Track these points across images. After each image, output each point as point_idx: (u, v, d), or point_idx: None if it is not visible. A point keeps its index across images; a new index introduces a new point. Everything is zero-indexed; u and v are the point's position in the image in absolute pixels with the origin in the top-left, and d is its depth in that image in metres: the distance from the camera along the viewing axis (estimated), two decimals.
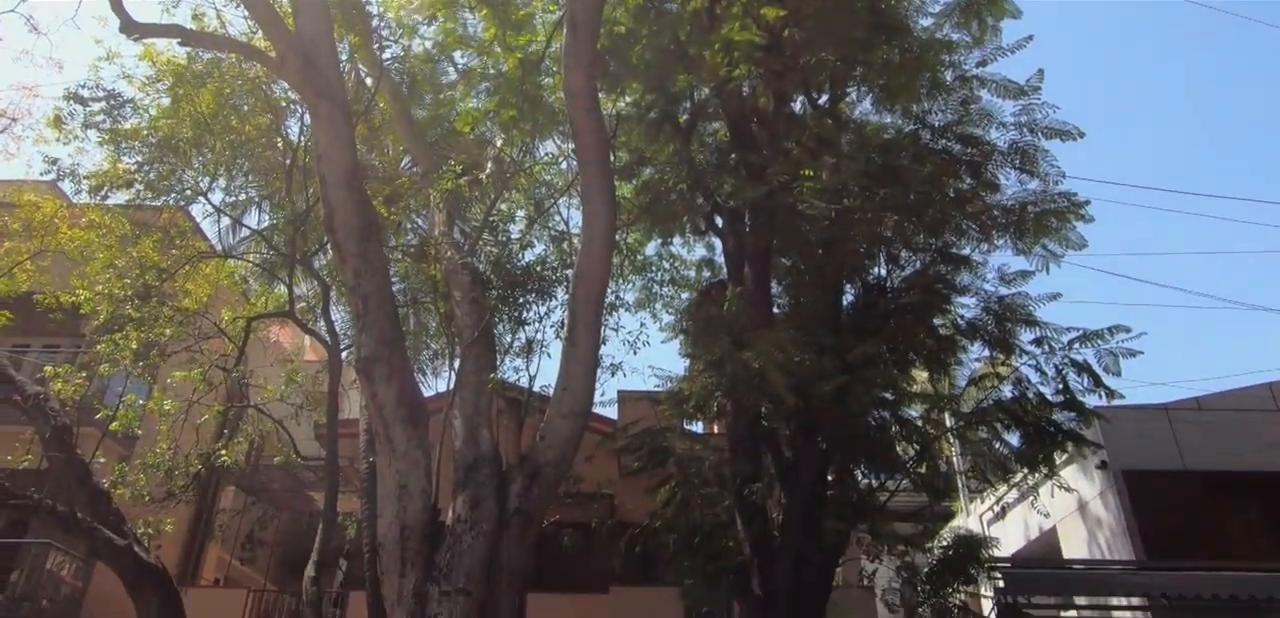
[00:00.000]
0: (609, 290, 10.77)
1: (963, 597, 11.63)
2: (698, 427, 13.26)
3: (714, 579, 10.34)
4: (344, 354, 12.26)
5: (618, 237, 10.86)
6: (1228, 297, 52.51)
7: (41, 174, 11.60)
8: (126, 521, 10.00)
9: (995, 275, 10.34)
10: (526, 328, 10.92)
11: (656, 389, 11.39)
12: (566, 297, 10.27)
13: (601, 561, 14.07)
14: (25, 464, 10.88)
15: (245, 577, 16.87)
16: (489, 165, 10.64)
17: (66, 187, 12.02)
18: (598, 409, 12.14)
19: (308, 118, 10.33)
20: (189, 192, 12.00)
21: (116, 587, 9.49)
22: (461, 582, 8.46)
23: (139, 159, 11.40)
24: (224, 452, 12.46)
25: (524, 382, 12.62)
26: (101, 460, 10.90)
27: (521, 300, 10.62)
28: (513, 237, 11.51)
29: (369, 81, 11.80)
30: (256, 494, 15.99)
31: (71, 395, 10.75)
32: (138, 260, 11.33)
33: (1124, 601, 12.34)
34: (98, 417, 11.45)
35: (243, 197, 14.64)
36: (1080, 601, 12.35)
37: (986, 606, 13.08)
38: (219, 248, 13.85)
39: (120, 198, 11.67)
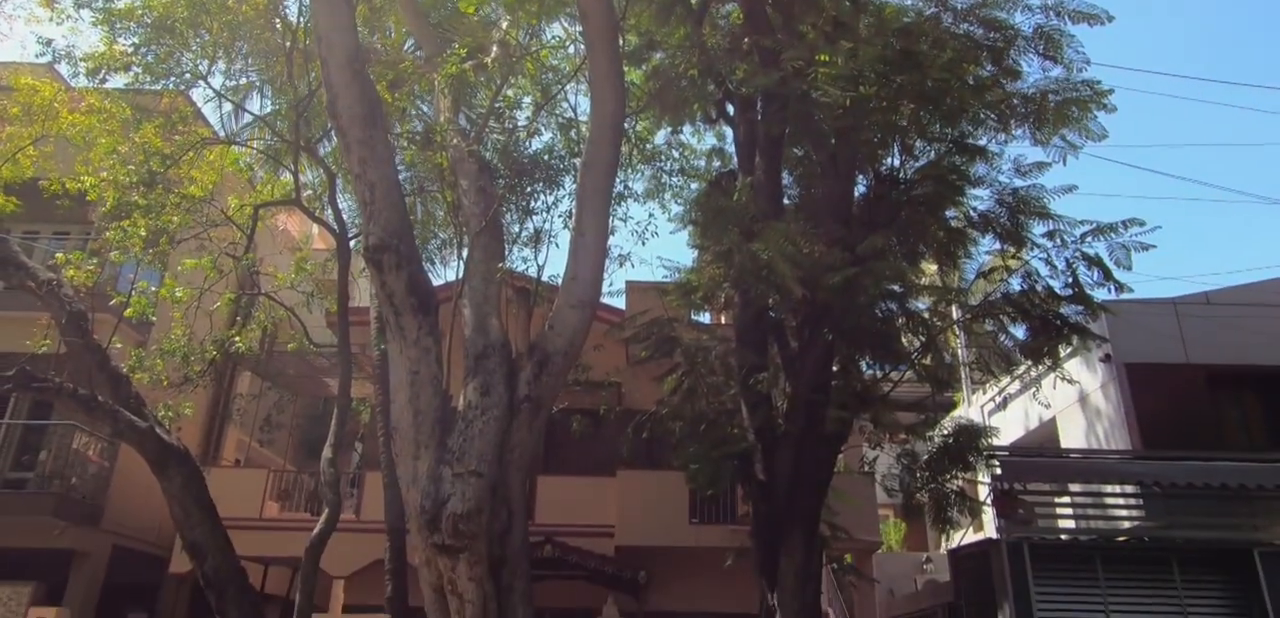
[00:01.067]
0: (617, 180, 10.65)
1: (960, 483, 11.98)
2: (705, 317, 13.37)
3: (718, 465, 10.62)
4: (352, 242, 12.27)
5: (626, 125, 10.63)
6: (1248, 190, 51.59)
7: (36, 56, 11.33)
8: (146, 404, 10.27)
9: (1011, 166, 10.14)
10: (534, 218, 10.87)
11: (664, 280, 11.41)
12: (574, 186, 10.16)
13: (609, 446, 14.46)
14: (44, 349, 11.09)
15: (265, 458, 17.45)
16: (495, 49, 10.32)
17: (63, 70, 11.76)
18: (606, 299, 12.26)
19: None
20: (188, 75, 11.73)
21: (142, 467, 9.83)
22: (473, 464, 8.73)
23: (135, 40, 11.10)
24: (238, 339, 12.66)
25: (532, 272, 12.65)
26: (118, 346, 11.09)
27: (529, 190, 10.53)
28: (519, 124, 11.31)
29: None
30: (272, 380, 16.32)
31: (84, 282, 10.84)
32: (140, 146, 11.20)
33: (1117, 488, 12.69)
34: (112, 303, 11.59)
35: (244, 81, 14.36)
36: (1074, 488, 12.69)
37: (983, 492, 13.49)
38: (222, 134, 13.67)
39: (119, 82, 11.44)
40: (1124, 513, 12.66)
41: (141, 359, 11.83)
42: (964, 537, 15.16)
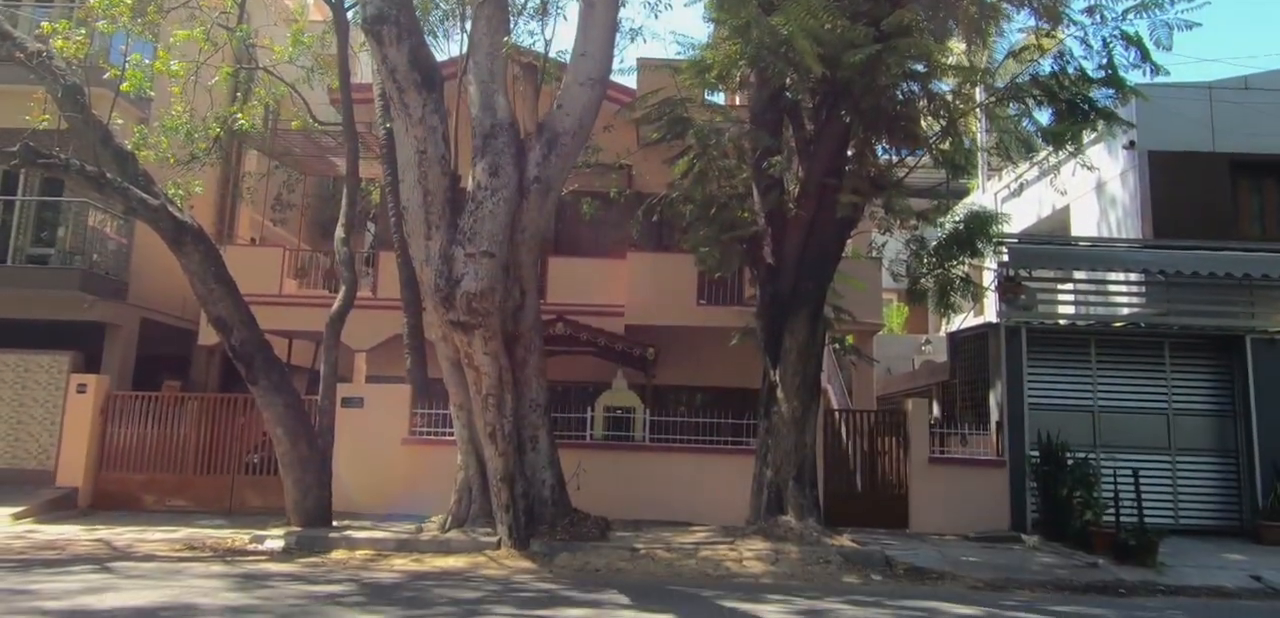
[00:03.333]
0: None
1: (966, 269, 12.09)
2: (719, 98, 12.91)
3: (727, 248, 10.70)
4: (350, 12, 11.66)
5: None
6: None
7: None
8: (155, 182, 10.25)
9: None
10: None
11: (677, 57, 10.90)
12: None
13: (619, 229, 14.52)
14: (44, 125, 10.91)
15: (279, 237, 17.68)
16: None
17: None
18: (616, 77, 11.79)
19: None
20: None
21: (161, 245, 9.98)
22: (484, 245, 8.83)
23: None
24: (241, 116, 12.39)
25: (539, 47, 12.08)
26: (119, 122, 10.90)
27: None
28: None
29: None
30: (278, 159, 16.17)
31: (74, 54, 10.45)
32: None
33: (1121, 276, 12.81)
34: (106, 77, 11.25)
35: None
36: (1079, 275, 12.81)
37: (988, 278, 13.66)
38: None
39: None
40: (1124, 300, 12.87)
41: (145, 136, 11.66)
42: (964, 321, 15.57)
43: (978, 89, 10.68)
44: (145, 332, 14.05)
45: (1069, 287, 12.86)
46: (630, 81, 14.61)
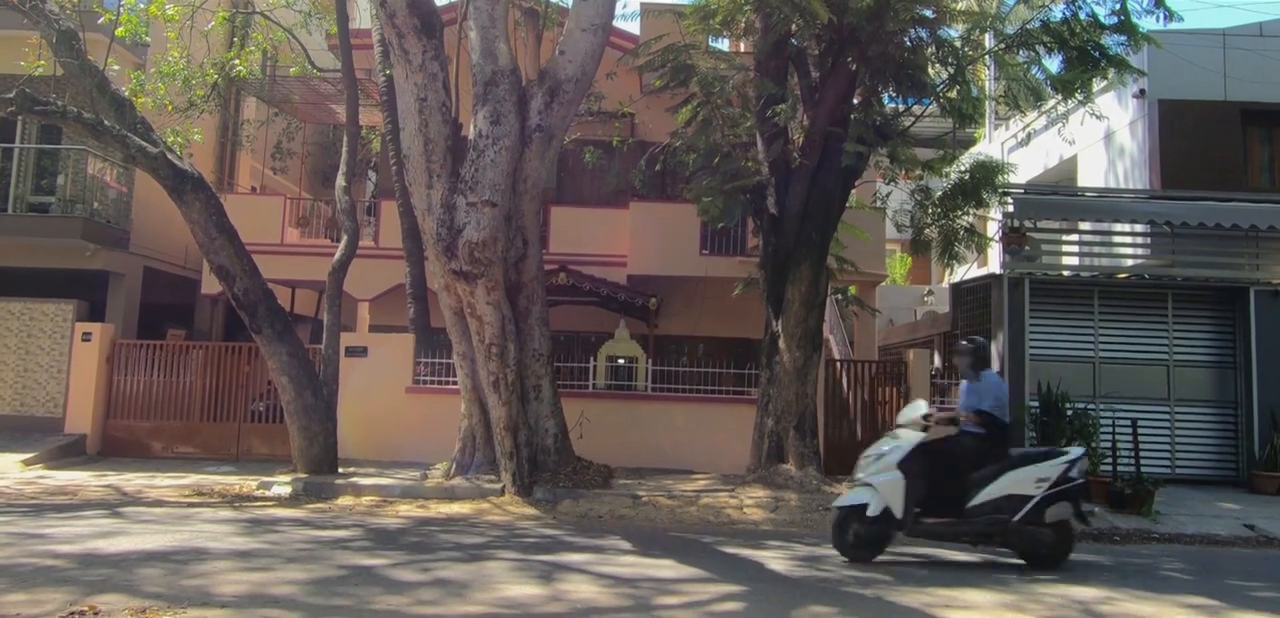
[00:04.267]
0: None
1: (971, 219, 12.02)
2: (723, 44, 12.70)
3: (731, 198, 10.63)
4: None
5: None
6: None
7: None
8: (154, 129, 10.16)
9: None
10: None
11: (682, 3, 10.70)
12: None
13: (622, 178, 14.42)
14: (40, 71, 10.79)
15: (280, 186, 17.59)
16: None
17: None
18: (619, 22, 11.62)
19: None
20: None
21: (162, 194, 9.93)
22: (486, 194, 8.78)
23: None
24: (238, 62, 12.22)
25: None
26: (115, 68, 10.76)
27: None
28: None
29: None
30: (278, 106, 16.00)
31: None
32: None
33: (1126, 227, 12.72)
34: (101, 23, 11.08)
35: None
36: (1084, 226, 12.73)
37: (992, 229, 13.58)
38: None
39: None
40: (1129, 252, 12.81)
41: (142, 82, 11.53)
42: (967, 273, 15.54)
43: (987, 35, 10.50)
44: (148, 280, 14.07)
45: (1074, 238, 12.78)
46: (634, 28, 14.40)
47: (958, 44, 9.73)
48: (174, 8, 11.24)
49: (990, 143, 18.40)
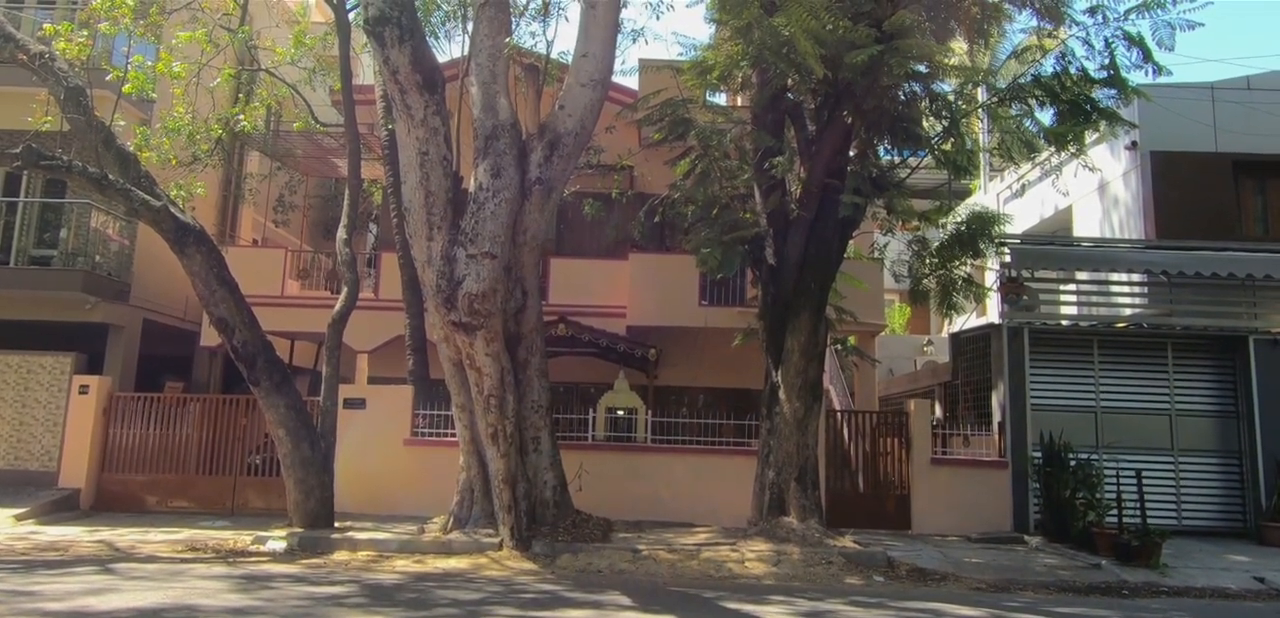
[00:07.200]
0: None
1: (969, 269, 12.07)
2: (720, 98, 12.91)
3: (729, 250, 10.69)
4: (352, 15, 11.67)
5: None
6: None
7: None
8: (158, 183, 10.26)
9: None
10: None
11: (679, 58, 10.91)
12: None
13: (621, 229, 14.52)
14: (47, 126, 10.93)
15: (281, 238, 17.69)
16: None
17: None
18: (618, 78, 11.79)
19: None
20: None
21: (163, 245, 9.98)
22: (486, 246, 8.83)
23: None
24: (243, 117, 12.40)
25: (541, 48, 12.09)
26: (121, 123, 10.91)
27: None
28: None
29: None
30: (280, 160, 16.19)
31: (77, 55, 10.47)
32: None
33: (1124, 276, 12.78)
34: (109, 79, 11.26)
35: None
36: (1081, 275, 12.79)
37: (990, 279, 13.63)
38: None
39: None
40: (1127, 301, 12.84)
41: (148, 137, 11.67)
42: (966, 322, 15.55)
43: (980, 89, 10.66)
44: (147, 332, 14.07)
45: (1071, 287, 12.84)
46: (632, 82, 14.62)
47: (951, 98, 9.88)
48: (181, 65, 11.44)
49: (986, 194, 18.58)
